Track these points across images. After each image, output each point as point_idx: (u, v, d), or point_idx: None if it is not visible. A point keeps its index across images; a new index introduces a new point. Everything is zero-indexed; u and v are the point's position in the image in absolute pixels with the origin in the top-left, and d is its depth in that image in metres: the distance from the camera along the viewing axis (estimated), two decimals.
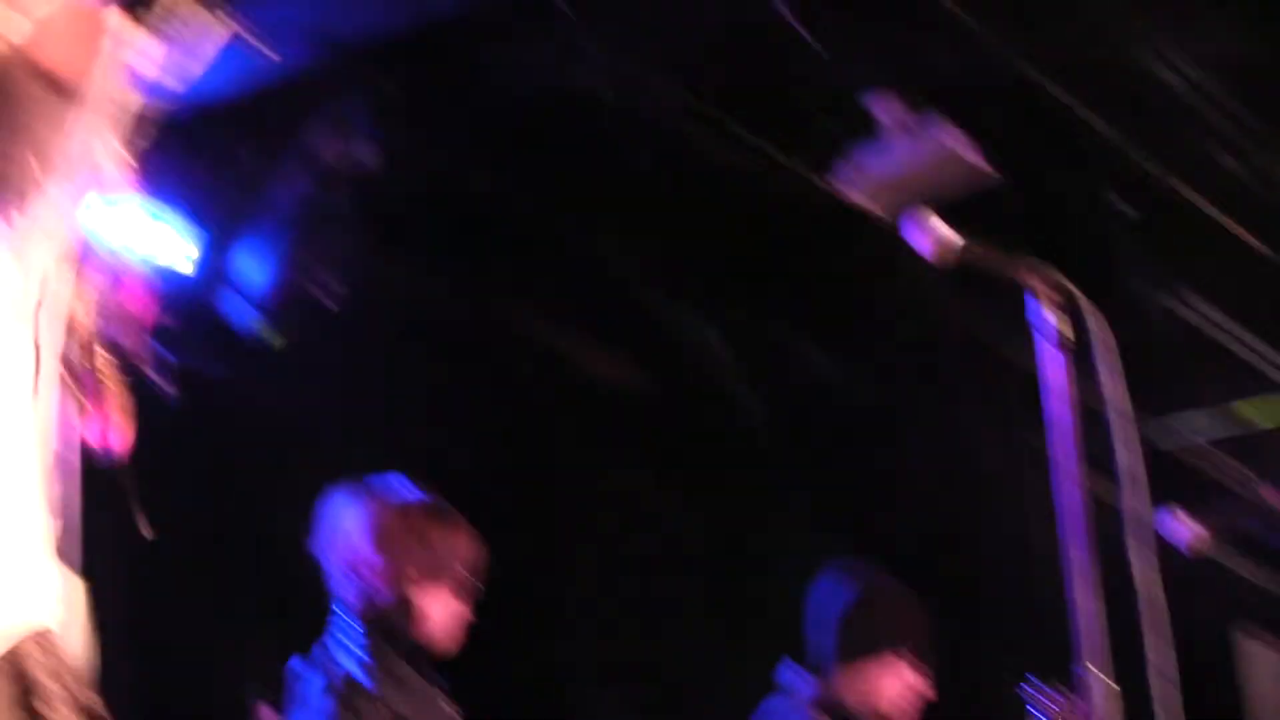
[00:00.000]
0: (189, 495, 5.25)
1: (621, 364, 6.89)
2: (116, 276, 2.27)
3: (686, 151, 5.87)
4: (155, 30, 2.17)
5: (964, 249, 3.33)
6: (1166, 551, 4.14)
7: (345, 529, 4.27)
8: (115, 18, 2.13)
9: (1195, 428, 7.21)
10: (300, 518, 4.34)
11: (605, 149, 5.86)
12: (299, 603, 4.35)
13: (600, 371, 6.87)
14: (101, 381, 2.24)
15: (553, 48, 5.50)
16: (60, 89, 2.09)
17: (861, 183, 5.55)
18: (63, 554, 2.19)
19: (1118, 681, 3.17)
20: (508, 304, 6.51)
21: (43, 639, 2.10)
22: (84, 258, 2.21)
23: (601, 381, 6.88)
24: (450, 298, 6.35)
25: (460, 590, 4.25)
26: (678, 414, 6.93)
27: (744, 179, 5.90)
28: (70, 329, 2.21)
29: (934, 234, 3.36)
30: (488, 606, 4.30)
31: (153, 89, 2.23)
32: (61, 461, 2.25)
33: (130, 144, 2.29)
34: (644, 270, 6.51)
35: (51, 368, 2.17)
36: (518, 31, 5.48)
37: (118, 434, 2.33)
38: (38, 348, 2.14)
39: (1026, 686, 4.49)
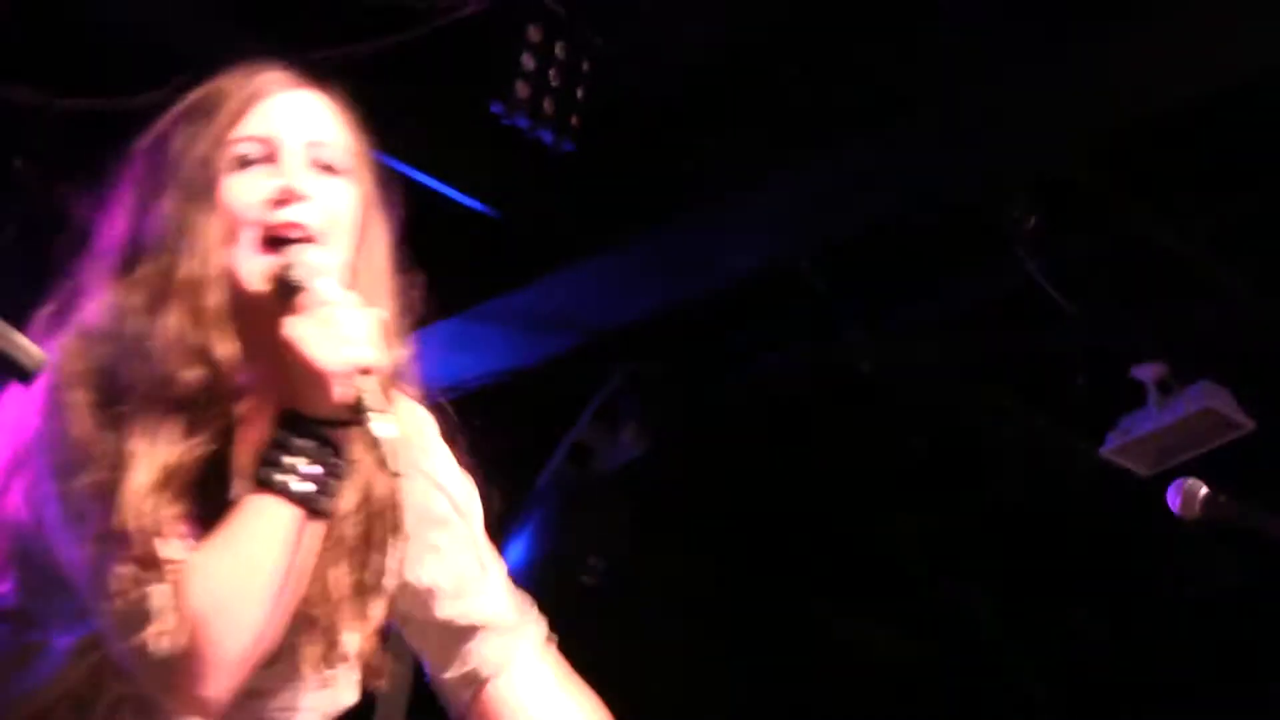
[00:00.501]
0: None
1: (892, 636, 6.81)
2: None
3: (948, 422, 5.87)
4: None
5: (1206, 502, 3.25)
6: None
7: None
8: None
9: None
10: None
11: (865, 423, 5.88)
12: None
13: (872, 644, 6.80)
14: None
15: (809, 323, 5.58)
16: None
17: (1124, 444, 5.49)
18: None
19: None
20: (771, 581, 6.49)
21: None
22: None
23: (875, 655, 6.80)
24: (712, 576, 6.36)
25: None
26: (950, 683, 6.81)
27: (1006, 446, 5.87)
28: None
29: (1181, 489, 3.30)
30: None
31: None
32: None
33: None
34: (911, 542, 6.46)
35: None
36: (773, 310, 5.57)
37: None
38: None
39: None
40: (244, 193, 2.07)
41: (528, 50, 4.53)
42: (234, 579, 1.95)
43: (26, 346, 1.59)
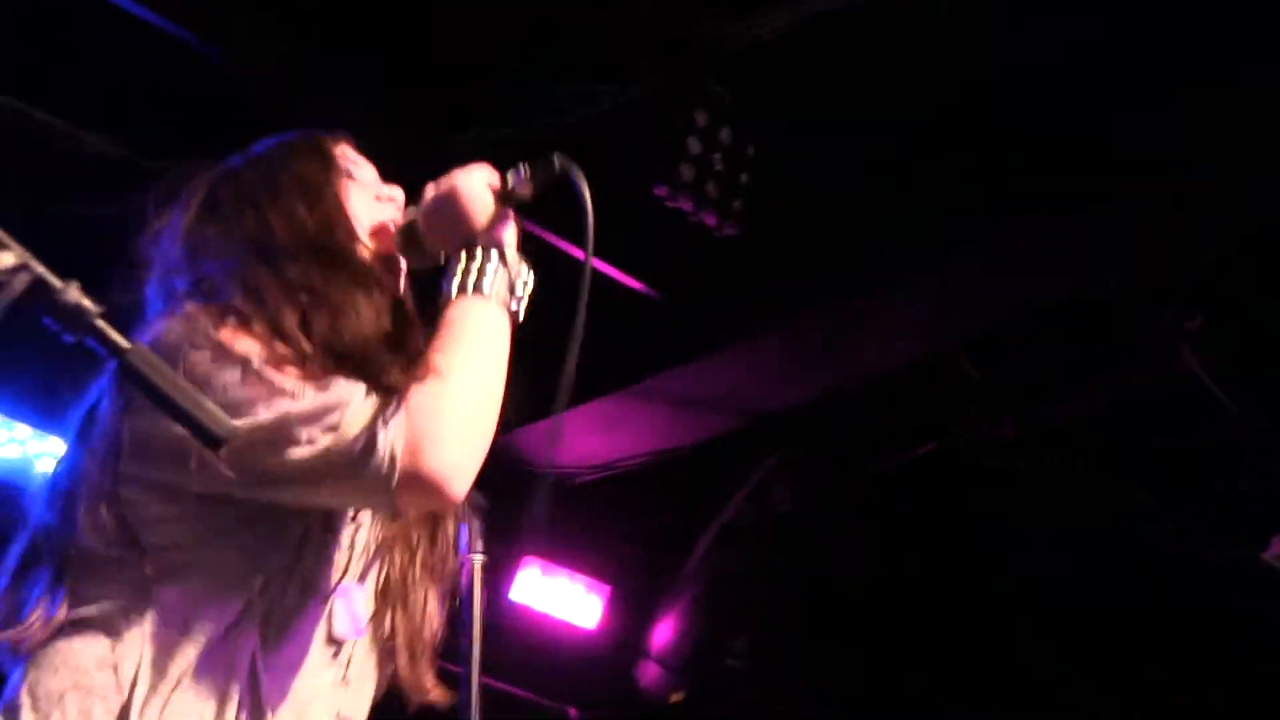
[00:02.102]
0: None
1: None
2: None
3: (1096, 518, 5.81)
4: None
5: None
6: None
7: None
8: None
9: None
10: None
11: (1014, 516, 5.84)
12: None
13: None
14: None
15: (961, 414, 5.56)
16: None
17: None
18: None
19: None
20: (907, 674, 6.44)
21: None
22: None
23: None
24: (859, 662, 6.32)
25: None
26: None
27: (1158, 546, 5.79)
28: None
29: None
30: None
31: None
32: None
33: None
34: (1049, 642, 6.39)
35: None
36: (927, 399, 5.56)
37: None
38: None
39: None
40: (358, 198, 2.48)
41: (693, 134, 4.58)
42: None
43: (216, 413, 1.63)
